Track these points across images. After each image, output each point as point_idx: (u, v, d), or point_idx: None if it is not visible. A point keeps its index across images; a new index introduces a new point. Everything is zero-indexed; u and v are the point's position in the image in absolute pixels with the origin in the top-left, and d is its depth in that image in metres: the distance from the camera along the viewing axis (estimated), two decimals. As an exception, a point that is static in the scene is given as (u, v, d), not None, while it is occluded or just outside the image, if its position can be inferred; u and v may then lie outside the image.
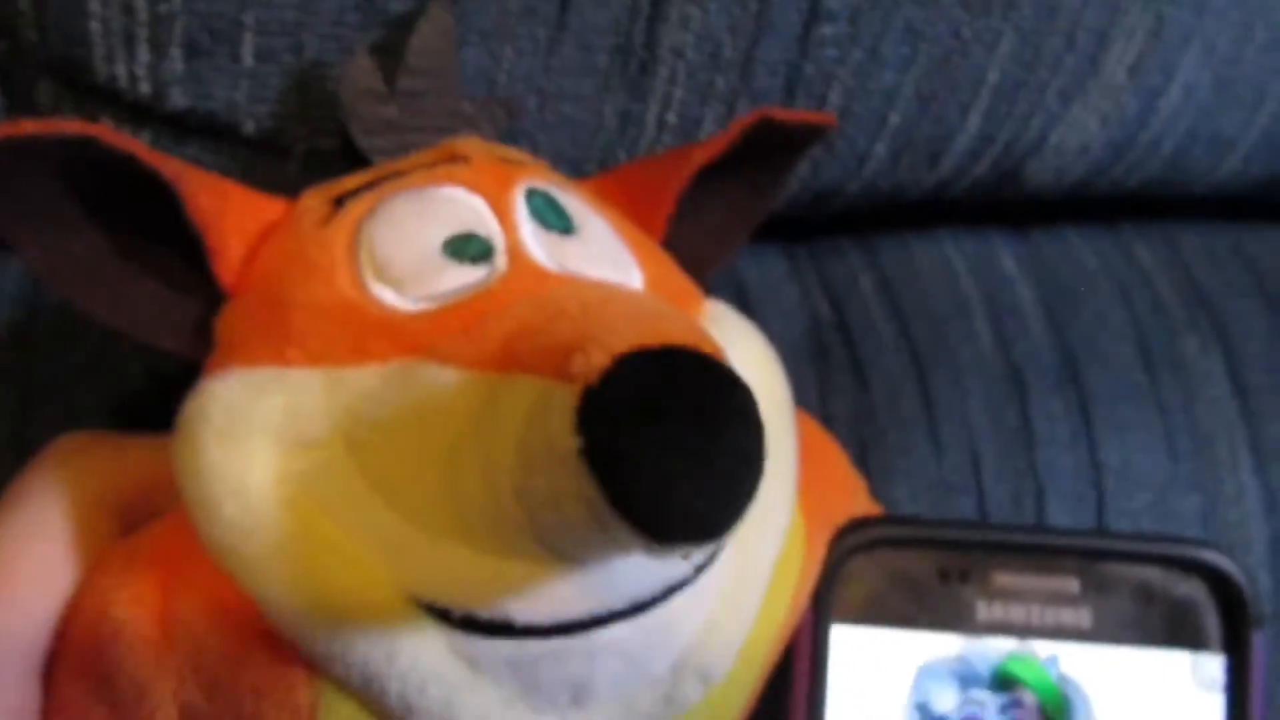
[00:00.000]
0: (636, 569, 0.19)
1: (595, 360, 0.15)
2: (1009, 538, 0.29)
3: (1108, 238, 0.39)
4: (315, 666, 0.19)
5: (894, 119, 0.30)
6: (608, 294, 0.19)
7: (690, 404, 0.15)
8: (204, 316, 0.22)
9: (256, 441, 0.19)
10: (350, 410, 0.19)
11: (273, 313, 0.21)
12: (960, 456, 0.33)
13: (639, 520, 0.15)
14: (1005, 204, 0.38)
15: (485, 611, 0.18)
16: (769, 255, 0.36)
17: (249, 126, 0.26)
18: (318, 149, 0.27)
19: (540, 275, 0.20)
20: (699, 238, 0.26)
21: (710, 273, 0.26)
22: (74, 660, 0.20)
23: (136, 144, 0.20)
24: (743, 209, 0.27)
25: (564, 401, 0.15)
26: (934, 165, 0.32)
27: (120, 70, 0.25)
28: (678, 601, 0.20)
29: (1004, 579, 0.28)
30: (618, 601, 0.19)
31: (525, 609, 0.18)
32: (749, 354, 0.23)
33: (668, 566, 0.19)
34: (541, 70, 0.27)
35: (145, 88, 0.26)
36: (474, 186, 0.22)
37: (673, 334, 0.16)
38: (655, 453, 0.15)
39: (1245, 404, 0.36)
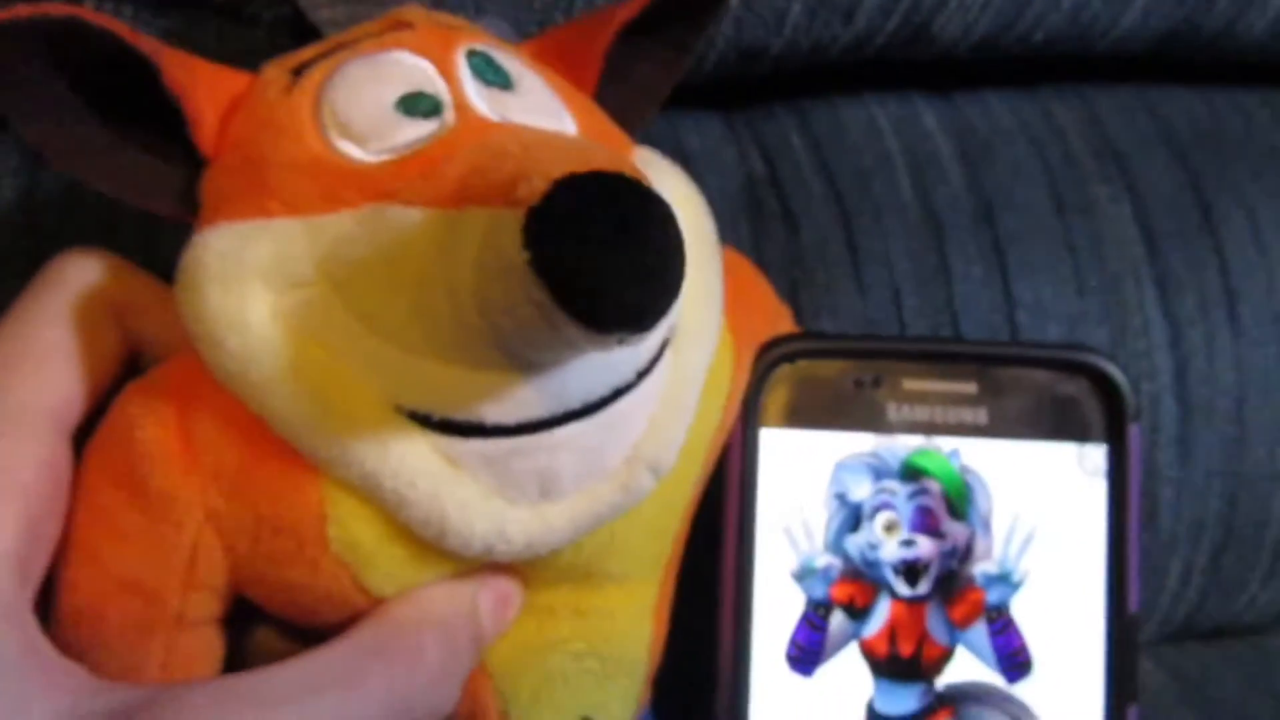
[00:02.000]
0: (586, 374, 0.22)
1: (536, 186, 0.18)
2: (915, 347, 0.32)
3: (1025, 98, 0.41)
4: (319, 470, 0.22)
5: (809, -24, 0.33)
6: (544, 137, 0.22)
7: (617, 215, 0.18)
8: (189, 182, 0.24)
9: (251, 284, 0.22)
10: (329, 252, 0.22)
11: (251, 172, 0.23)
12: (882, 294, 0.36)
13: (582, 314, 0.18)
14: (929, 70, 0.41)
15: (459, 415, 0.21)
16: (708, 122, 0.39)
17: (218, -4, 0.29)
18: (281, 16, 0.30)
19: (485, 125, 0.23)
20: (626, 93, 0.28)
21: (638, 126, 0.28)
22: (109, 475, 0.23)
23: (117, 23, 0.22)
24: (665, 64, 0.29)
25: (511, 223, 0.18)
26: (848, 21, 0.34)
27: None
28: (624, 403, 0.23)
29: (911, 383, 0.32)
30: (572, 402, 0.22)
31: (493, 411, 0.21)
32: (674, 191, 0.26)
33: (613, 370, 0.22)
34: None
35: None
36: (420, 50, 0.24)
37: (601, 163, 0.18)
38: (591, 257, 0.18)
39: (1151, 245, 0.39)
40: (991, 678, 0.31)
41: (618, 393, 0.22)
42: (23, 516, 0.21)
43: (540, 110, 0.24)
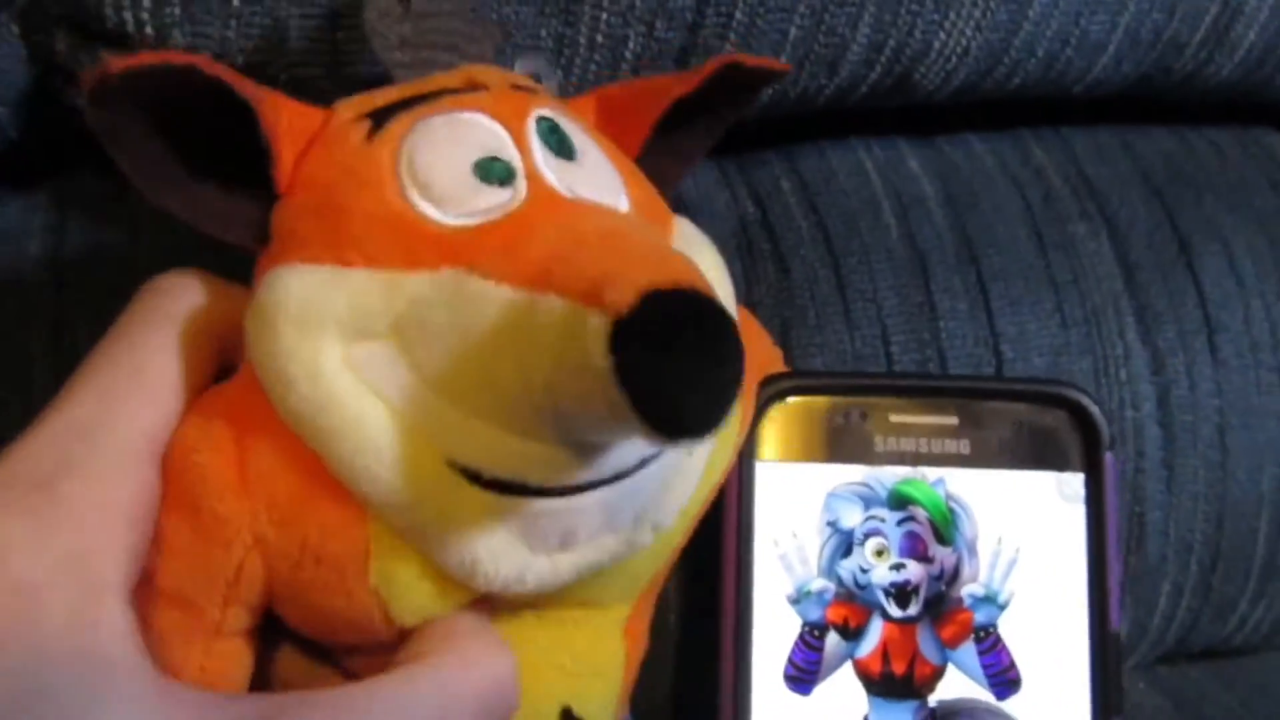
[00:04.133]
0: (625, 449, 0.23)
1: (625, 296, 0.19)
2: (900, 383, 0.34)
3: (1006, 140, 0.43)
4: (369, 511, 0.23)
5: (794, 32, 0.35)
6: (617, 227, 0.24)
7: (697, 334, 0.20)
8: (262, 214, 0.25)
9: (327, 331, 0.23)
10: (404, 310, 0.23)
11: (331, 218, 0.24)
12: (871, 330, 0.38)
13: (656, 424, 0.19)
14: (914, 117, 0.43)
15: (507, 475, 0.23)
16: (703, 168, 0.40)
17: (239, 60, 0.31)
18: (296, 77, 0.32)
19: (556, 199, 0.24)
20: (665, 158, 0.29)
21: (673, 187, 0.30)
22: (167, 496, 0.24)
23: (224, 69, 0.23)
24: (703, 134, 0.31)
25: (599, 329, 0.19)
26: (833, 73, 0.36)
27: (127, 16, 0.30)
28: (648, 469, 0.24)
29: (897, 417, 0.33)
30: (606, 472, 0.24)
31: (538, 475, 0.23)
32: (706, 262, 0.27)
33: (646, 447, 0.24)
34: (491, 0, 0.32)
35: (150, 31, 0.30)
36: (495, 114, 0.25)
37: (680, 273, 0.20)
38: (672, 374, 0.19)
39: (1130, 278, 0.41)
40: (982, 694, 0.32)
41: (644, 461, 0.24)
42: (132, 549, 0.22)
43: (600, 184, 0.25)
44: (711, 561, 0.32)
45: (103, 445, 0.23)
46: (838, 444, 0.33)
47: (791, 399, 0.33)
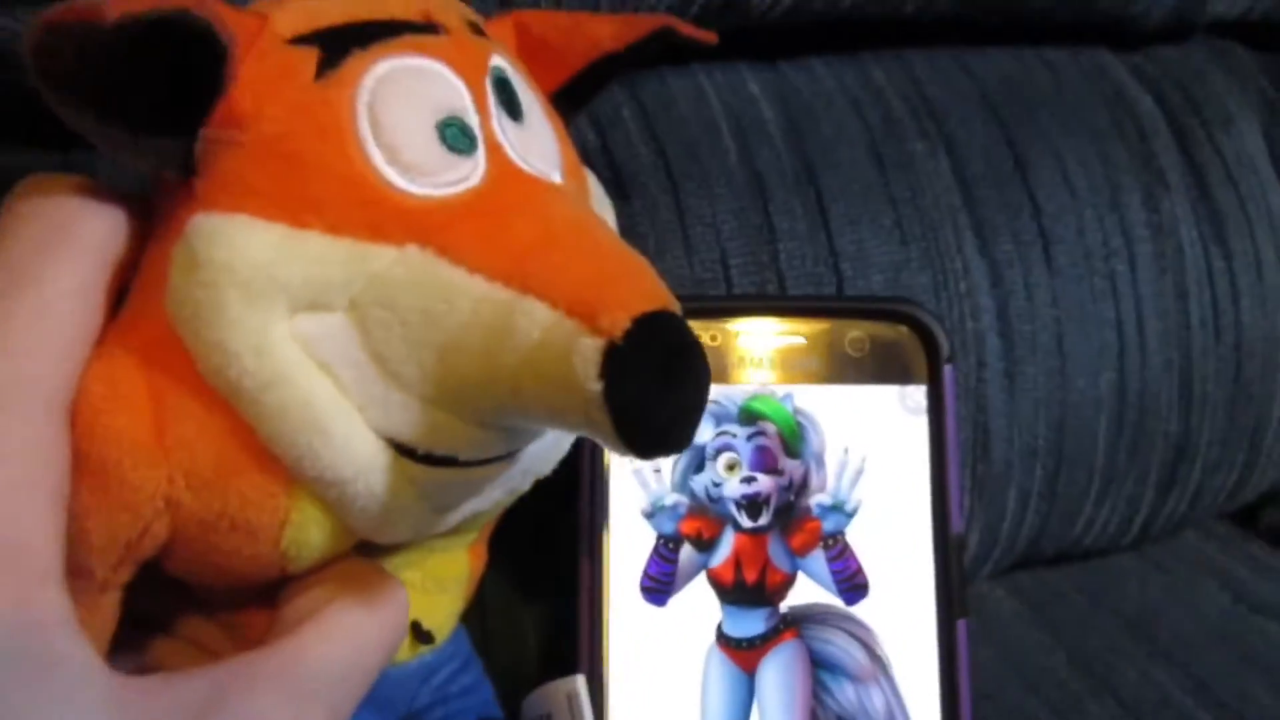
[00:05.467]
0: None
1: (619, 322, 0.19)
2: (748, 304, 0.35)
3: (848, 64, 0.43)
4: (295, 479, 0.22)
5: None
6: (579, 218, 0.23)
7: (683, 367, 0.20)
8: (187, 142, 0.22)
9: (276, 301, 0.21)
10: (364, 286, 0.22)
11: (285, 170, 0.22)
12: (710, 255, 0.38)
13: (637, 445, 0.20)
14: (758, 44, 0.43)
15: (441, 452, 0.23)
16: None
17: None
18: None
19: (517, 176, 0.23)
20: (564, 103, 0.28)
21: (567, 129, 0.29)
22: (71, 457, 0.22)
23: (209, 8, 0.20)
24: (600, 85, 0.29)
25: (590, 351, 0.19)
26: (663, -6, 0.36)
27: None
28: (546, 436, 0.25)
29: (746, 337, 0.34)
30: (522, 444, 0.24)
31: (470, 453, 0.23)
32: (609, 220, 0.28)
33: None
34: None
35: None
36: (457, 67, 0.23)
37: (663, 297, 0.20)
38: (660, 404, 0.20)
39: (968, 194, 0.42)
40: (831, 600, 0.33)
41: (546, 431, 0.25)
42: (62, 529, 0.21)
43: (545, 154, 0.25)
44: (566, 479, 0.32)
45: (18, 416, 0.21)
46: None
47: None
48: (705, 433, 0.33)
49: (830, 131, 0.41)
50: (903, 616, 0.33)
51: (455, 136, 0.22)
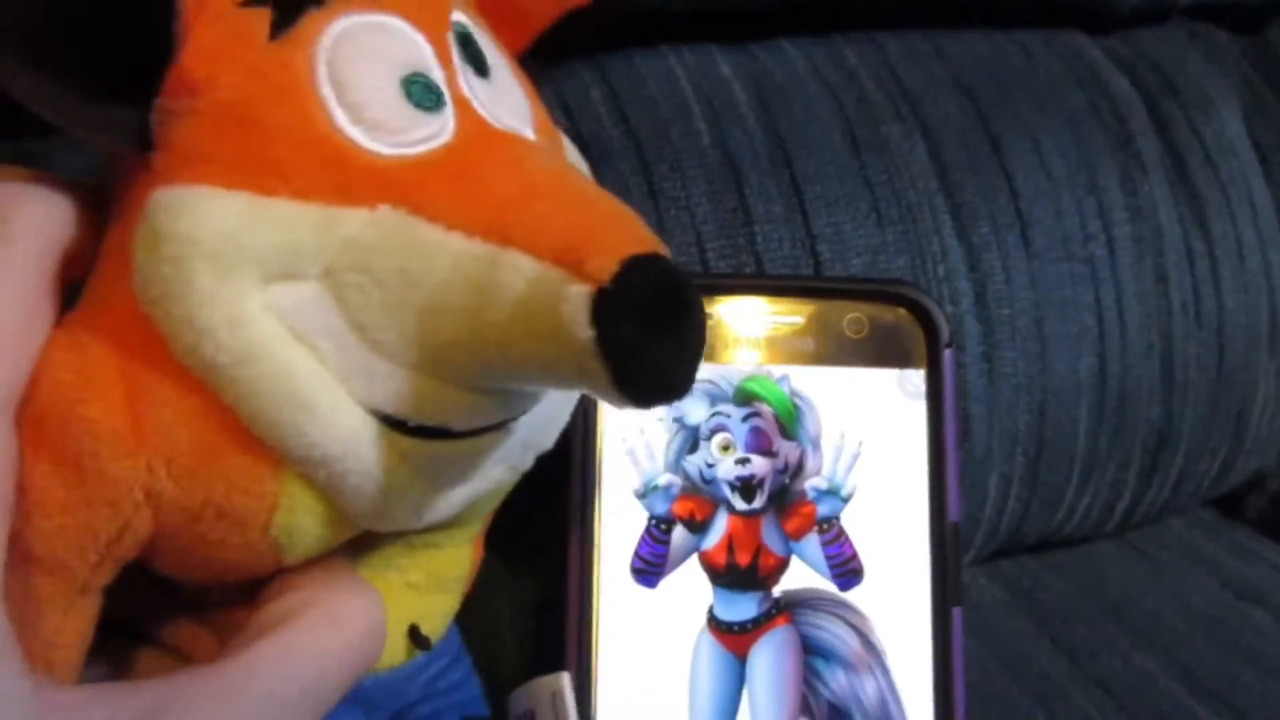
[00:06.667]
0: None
1: (607, 265, 0.19)
2: (746, 282, 0.35)
3: (820, 46, 0.43)
4: (282, 460, 0.21)
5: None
6: (559, 170, 0.22)
7: (676, 305, 0.19)
8: (141, 115, 0.21)
9: (248, 271, 0.20)
10: (338, 252, 0.21)
11: (244, 134, 0.21)
12: (685, 238, 0.37)
13: (634, 394, 0.19)
14: (727, 25, 0.42)
15: (432, 422, 0.22)
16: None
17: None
18: None
19: (489, 131, 0.22)
20: (527, 62, 0.27)
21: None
22: (46, 452, 0.21)
23: None
24: (562, 46, 0.30)
25: (579, 298, 0.19)
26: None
27: None
28: (542, 403, 0.24)
29: (743, 316, 0.34)
30: (515, 410, 0.23)
31: (462, 421, 0.22)
32: (580, 168, 0.27)
33: None
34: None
35: None
36: (416, 21, 0.22)
37: (651, 240, 0.20)
38: (656, 346, 0.19)
39: (944, 176, 0.41)
40: (825, 585, 0.33)
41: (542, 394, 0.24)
42: (4, 530, 0.20)
43: (516, 111, 0.24)
44: (559, 458, 0.31)
45: None
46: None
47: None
48: (700, 412, 0.33)
49: (804, 114, 0.40)
50: (897, 603, 0.33)
51: (421, 93, 0.22)
